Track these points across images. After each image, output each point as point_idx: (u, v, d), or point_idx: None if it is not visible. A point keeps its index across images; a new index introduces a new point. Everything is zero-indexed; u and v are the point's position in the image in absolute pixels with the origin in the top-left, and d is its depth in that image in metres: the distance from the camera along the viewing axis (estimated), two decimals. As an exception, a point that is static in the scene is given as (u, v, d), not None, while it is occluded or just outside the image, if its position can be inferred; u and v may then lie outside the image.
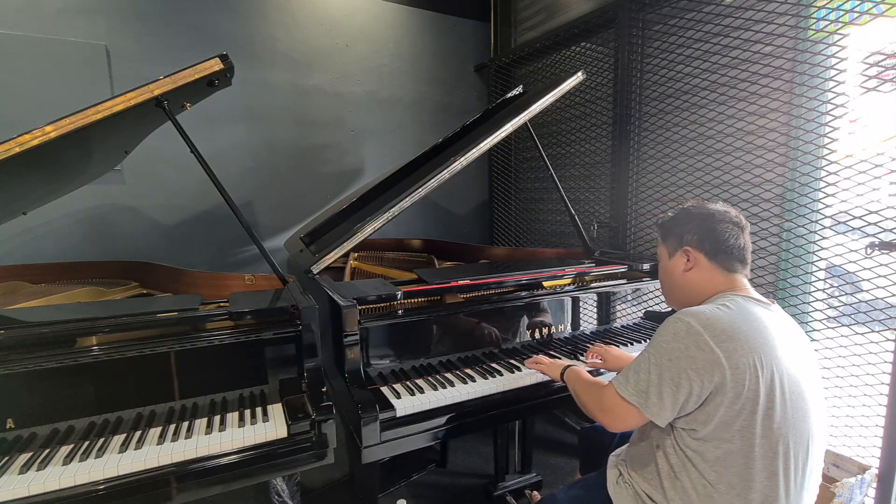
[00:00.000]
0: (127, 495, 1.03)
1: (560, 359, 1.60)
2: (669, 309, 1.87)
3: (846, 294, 1.65)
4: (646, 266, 1.86)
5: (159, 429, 1.17)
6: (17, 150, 1.16)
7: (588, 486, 1.25)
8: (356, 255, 2.33)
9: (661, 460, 1.05)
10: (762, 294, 1.10)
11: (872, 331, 1.55)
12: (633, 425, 1.07)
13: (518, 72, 3.21)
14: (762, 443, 0.94)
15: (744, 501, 0.95)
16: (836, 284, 1.69)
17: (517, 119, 1.82)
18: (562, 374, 1.33)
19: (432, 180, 1.68)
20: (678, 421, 1.00)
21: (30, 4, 2.18)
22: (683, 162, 2.10)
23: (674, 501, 1.01)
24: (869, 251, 1.48)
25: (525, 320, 1.67)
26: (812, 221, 1.68)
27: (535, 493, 2.00)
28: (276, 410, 1.25)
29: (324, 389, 1.26)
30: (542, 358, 1.48)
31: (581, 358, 1.61)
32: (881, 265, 1.50)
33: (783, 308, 1.74)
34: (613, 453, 1.25)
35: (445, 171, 1.69)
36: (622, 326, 1.89)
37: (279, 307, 1.32)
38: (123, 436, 1.14)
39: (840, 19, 1.57)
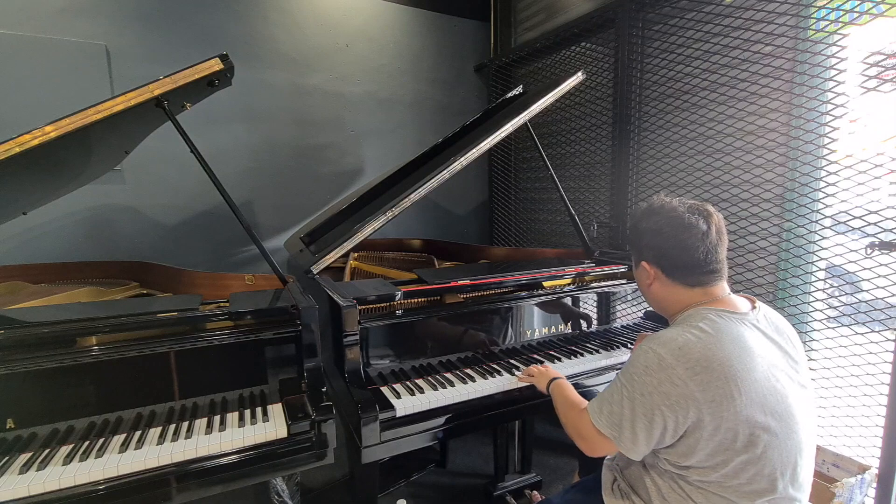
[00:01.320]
0: (127, 495, 1.03)
1: (560, 360, 1.60)
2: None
3: (846, 294, 1.65)
4: (646, 266, 1.86)
5: (159, 429, 1.17)
6: (17, 150, 1.16)
7: (584, 490, 1.25)
8: (356, 255, 2.33)
9: (649, 481, 1.03)
10: (751, 294, 1.07)
11: (872, 331, 1.55)
12: (610, 453, 1.04)
13: (518, 72, 3.21)
14: (747, 468, 0.91)
15: None
16: (836, 284, 1.69)
17: (517, 119, 1.82)
18: (548, 387, 1.31)
19: (432, 180, 1.67)
20: (659, 451, 0.98)
21: (30, 4, 2.18)
22: (683, 162, 2.10)
23: None
24: (869, 251, 1.48)
25: (524, 320, 1.67)
26: (812, 221, 1.68)
27: (535, 493, 2.00)
28: (276, 410, 1.25)
29: (324, 389, 1.26)
30: (532, 369, 1.44)
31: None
32: (881, 265, 1.50)
33: (783, 308, 1.75)
34: (609, 457, 1.24)
35: (445, 171, 1.69)
36: (622, 326, 1.89)
37: (279, 307, 1.32)
38: (123, 436, 1.14)
39: (840, 19, 1.57)
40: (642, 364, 0.94)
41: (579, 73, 2.03)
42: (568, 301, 1.76)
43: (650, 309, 1.93)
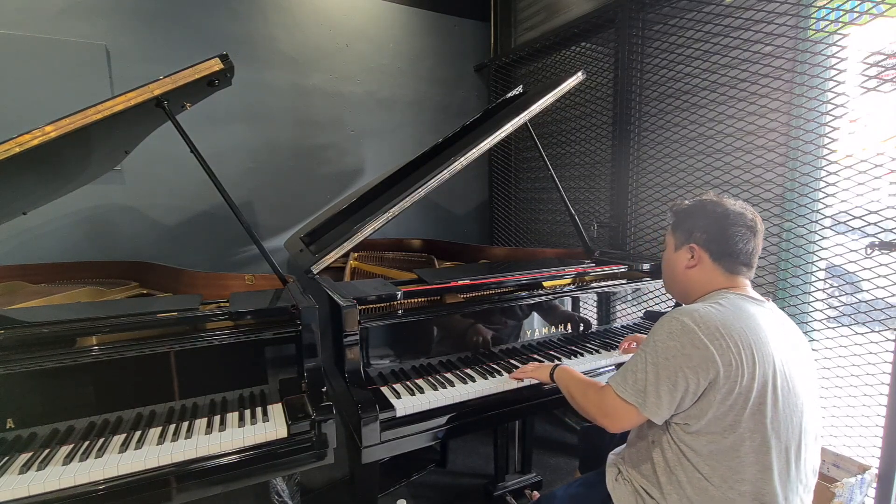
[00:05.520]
0: (127, 495, 1.03)
1: (560, 360, 1.60)
2: (669, 309, 1.87)
3: (846, 294, 1.65)
4: (646, 266, 1.86)
5: (159, 429, 1.17)
6: (17, 150, 1.16)
7: (587, 484, 1.25)
8: (356, 255, 2.33)
9: (657, 456, 1.06)
10: (760, 293, 1.11)
11: (872, 331, 1.55)
12: (633, 425, 1.08)
13: (518, 72, 3.21)
14: (753, 437, 0.96)
15: (737, 494, 0.96)
16: (836, 284, 1.69)
17: (517, 119, 1.82)
18: (551, 375, 1.33)
19: (432, 180, 1.67)
20: (674, 416, 1.02)
21: (30, 4, 2.18)
22: (683, 162, 2.10)
23: (670, 495, 1.02)
24: (869, 251, 1.48)
25: (525, 320, 1.67)
26: (812, 221, 1.67)
27: (535, 492, 2.00)
28: (276, 410, 1.25)
29: (324, 389, 1.26)
30: (526, 367, 1.46)
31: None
32: (881, 265, 1.50)
33: (783, 308, 1.75)
34: (613, 452, 1.26)
35: (445, 170, 1.69)
36: (622, 326, 1.89)
37: (279, 307, 1.32)
38: (123, 436, 1.14)
39: (840, 19, 1.57)
40: (665, 331, 1.00)
41: (579, 73, 2.03)
42: (568, 301, 1.76)
43: (650, 309, 1.93)
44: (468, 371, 1.51)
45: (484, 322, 1.59)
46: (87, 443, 1.11)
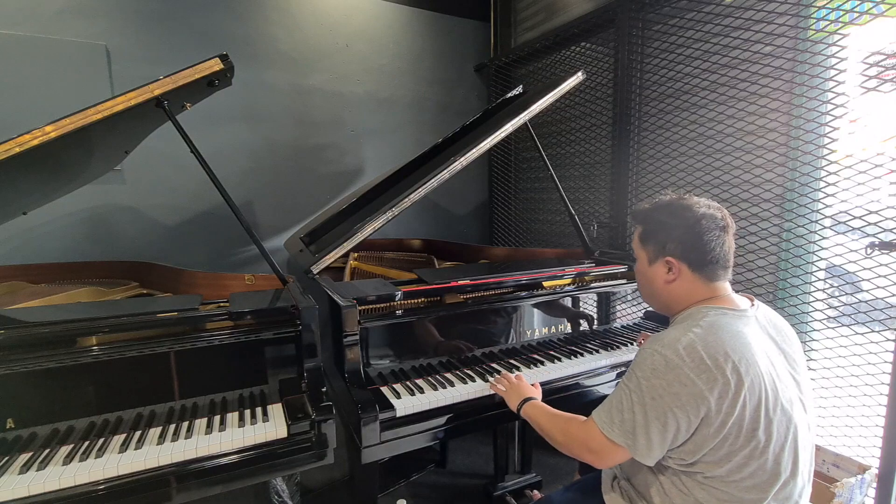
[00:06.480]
0: (127, 495, 1.03)
1: (560, 360, 1.60)
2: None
3: (846, 294, 1.65)
4: (646, 266, 1.86)
5: (159, 429, 1.17)
6: (17, 150, 1.16)
7: (583, 488, 1.25)
8: (356, 255, 2.33)
9: (651, 477, 1.04)
10: (751, 294, 1.09)
11: (872, 331, 1.55)
12: (621, 461, 1.03)
13: (518, 72, 3.21)
14: (749, 463, 0.93)
15: None
16: (836, 284, 1.69)
17: (517, 119, 1.82)
18: (519, 408, 1.25)
19: (432, 180, 1.67)
20: (668, 452, 0.98)
21: (30, 4, 2.18)
22: (683, 162, 2.10)
23: None
24: (869, 251, 1.48)
25: (524, 320, 1.67)
26: (812, 221, 1.68)
27: (536, 492, 2.00)
28: (276, 410, 1.25)
29: (324, 389, 1.26)
30: (504, 379, 1.38)
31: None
32: (881, 265, 1.50)
33: (783, 308, 1.75)
34: None
35: (445, 171, 1.69)
36: (622, 326, 1.89)
37: (279, 307, 1.32)
38: (123, 436, 1.14)
39: (840, 19, 1.57)
40: (649, 367, 0.94)
41: (579, 73, 2.03)
42: (568, 301, 1.75)
43: (650, 309, 1.93)
44: (468, 371, 1.51)
45: (484, 322, 1.59)
46: (87, 443, 1.10)
